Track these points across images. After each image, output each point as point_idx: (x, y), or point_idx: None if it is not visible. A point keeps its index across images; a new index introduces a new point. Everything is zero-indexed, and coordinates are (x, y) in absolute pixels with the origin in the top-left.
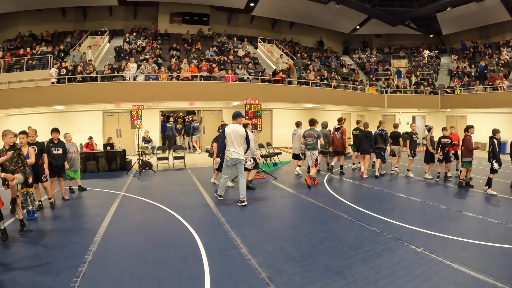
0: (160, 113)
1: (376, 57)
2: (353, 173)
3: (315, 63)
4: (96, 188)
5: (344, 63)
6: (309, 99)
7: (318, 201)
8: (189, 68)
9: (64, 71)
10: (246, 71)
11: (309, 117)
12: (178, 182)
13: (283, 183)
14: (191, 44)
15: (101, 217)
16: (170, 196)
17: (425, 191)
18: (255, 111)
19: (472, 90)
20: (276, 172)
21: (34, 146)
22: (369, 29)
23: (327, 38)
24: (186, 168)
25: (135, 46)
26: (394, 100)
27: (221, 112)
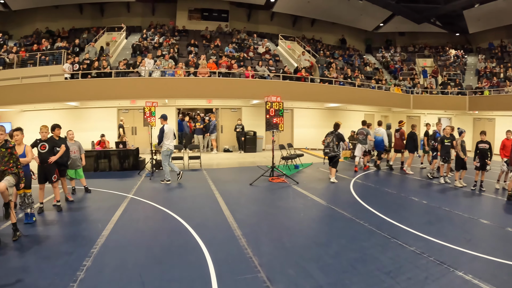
0: (176, 110)
1: (400, 55)
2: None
3: (338, 61)
4: (104, 189)
5: (367, 61)
6: (332, 98)
7: (346, 211)
8: (207, 64)
9: (77, 66)
10: (267, 68)
11: (331, 118)
12: (192, 185)
13: (306, 188)
14: (209, 41)
15: (103, 223)
16: (181, 201)
17: (462, 201)
18: (276, 109)
19: (501, 91)
20: (298, 175)
21: (45, 143)
22: (393, 27)
23: (349, 36)
24: (202, 169)
25: (152, 42)
26: (420, 101)
27: (239, 111)
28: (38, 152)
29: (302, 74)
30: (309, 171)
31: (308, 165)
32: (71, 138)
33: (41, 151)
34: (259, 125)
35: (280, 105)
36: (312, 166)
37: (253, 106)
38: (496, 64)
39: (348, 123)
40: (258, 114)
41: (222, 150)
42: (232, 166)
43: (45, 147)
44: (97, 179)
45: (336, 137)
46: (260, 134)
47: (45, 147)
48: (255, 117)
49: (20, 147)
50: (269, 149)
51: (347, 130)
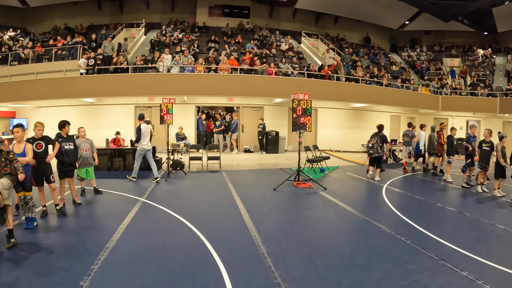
0: (196, 108)
1: (427, 55)
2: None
3: (363, 60)
4: (115, 191)
5: (393, 60)
6: (358, 98)
7: (383, 224)
8: (228, 61)
9: (92, 61)
10: (290, 65)
11: (356, 118)
12: (210, 189)
13: (335, 195)
14: (230, 37)
15: (109, 232)
16: (198, 207)
17: (507, 214)
18: (304, 108)
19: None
20: (324, 180)
21: (40, 141)
22: (419, 25)
23: (374, 34)
24: (221, 170)
25: (171, 38)
26: (448, 102)
27: (262, 110)
28: (34, 151)
29: (328, 72)
30: (335, 175)
31: (334, 169)
32: (82, 136)
33: (37, 150)
34: (282, 124)
35: (308, 104)
36: (338, 169)
37: (275, 105)
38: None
39: (373, 124)
40: (280, 113)
41: (243, 151)
42: (253, 168)
43: (41, 146)
44: (110, 179)
45: (380, 139)
46: (283, 134)
47: (41, 146)
48: (277, 117)
49: (20, 145)
50: (291, 150)
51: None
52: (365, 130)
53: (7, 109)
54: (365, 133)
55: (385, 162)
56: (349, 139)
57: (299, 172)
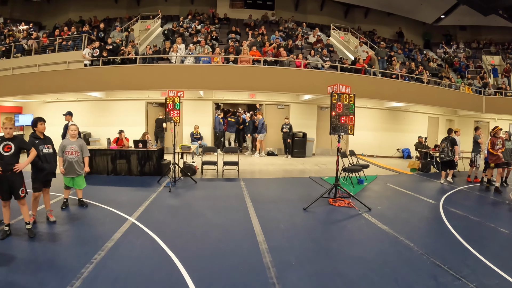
0: (213, 105)
1: (464, 52)
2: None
3: (398, 55)
4: (104, 205)
5: (430, 57)
6: (396, 96)
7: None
8: (250, 52)
9: (97, 52)
10: (320, 57)
11: (391, 120)
12: (223, 205)
13: (384, 219)
14: (253, 29)
15: (66, 276)
16: (202, 238)
17: None
18: (345, 104)
19: None
20: (364, 195)
21: (9, 142)
22: (455, 20)
23: (406, 29)
24: (239, 178)
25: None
26: (493, 103)
27: (287, 108)
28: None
29: (364, 65)
30: (376, 188)
31: (373, 179)
32: (72, 135)
33: (4, 154)
34: (310, 125)
35: (351, 99)
36: (377, 180)
37: (303, 102)
38: None
39: (410, 126)
40: (308, 112)
41: (265, 153)
42: (277, 176)
43: (10, 148)
44: (105, 186)
45: (450, 142)
46: (311, 136)
47: (10, 148)
48: (305, 116)
49: None
50: (319, 154)
51: (411, 136)
52: (400, 133)
53: (13, 104)
54: (401, 136)
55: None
56: (384, 143)
57: (336, 186)
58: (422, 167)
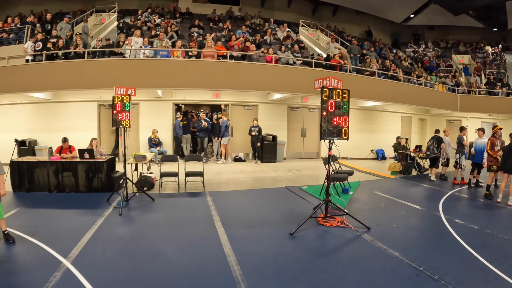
0: (174, 106)
1: (434, 51)
2: None
3: (370, 53)
4: (36, 239)
5: (401, 55)
6: (373, 95)
7: None
8: (215, 47)
9: (40, 45)
10: (292, 53)
11: (365, 120)
12: (187, 234)
13: (389, 242)
14: (217, 23)
15: None
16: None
17: None
18: (337, 101)
19: None
20: (354, 207)
21: None
22: (424, 19)
23: (375, 28)
24: (205, 192)
25: (147, 23)
26: (467, 102)
27: (255, 108)
28: None
29: (340, 61)
30: (365, 198)
31: (357, 186)
32: None
33: None
34: (280, 127)
35: (345, 95)
36: (361, 187)
37: (272, 102)
38: None
39: (384, 126)
40: (278, 113)
41: (233, 159)
42: (248, 187)
43: None
44: (44, 208)
45: (436, 141)
46: (281, 139)
47: None
48: (275, 117)
49: None
50: (291, 158)
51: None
52: (374, 133)
53: None
54: (374, 137)
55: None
56: (357, 144)
57: (327, 203)
58: (404, 170)
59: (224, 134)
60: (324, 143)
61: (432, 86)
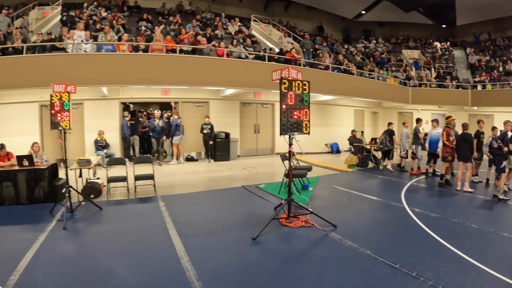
0: (121, 105)
1: (385, 46)
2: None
3: (323, 48)
4: None
5: (353, 51)
6: (328, 89)
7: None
8: (164, 41)
9: None
10: (244, 47)
11: (319, 114)
12: (139, 248)
13: (359, 239)
14: (167, 17)
15: None
16: None
17: None
18: (298, 93)
19: (506, 86)
20: (316, 203)
21: None
22: (375, 15)
23: (326, 24)
24: (157, 197)
25: (93, 16)
26: (418, 95)
27: (206, 105)
28: None
29: (294, 56)
30: (326, 194)
31: (315, 182)
32: None
33: None
34: (232, 124)
35: (305, 87)
36: (320, 182)
37: (224, 98)
38: (490, 57)
39: (337, 120)
40: (230, 109)
41: (185, 159)
42: (202, 188)
43: None
44: None
45: (388, 134)
46: (234, 136)
47: None
48: (227, 114)
49: None
50: (245, 156)
51: (339, 130)
52: (328, 127)
53: None
54: (328, 131)
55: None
56: (312, 139)
57: (290, 202)
58: (361, 163)
59: (175, 133)
60: (283, 138)
61: (384, 80)
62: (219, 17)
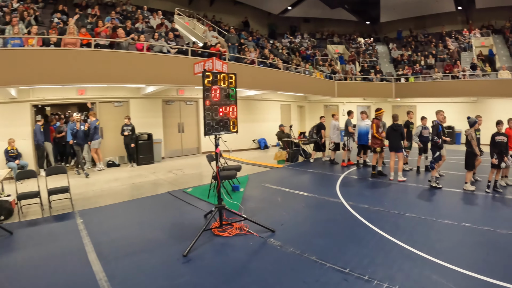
0: (32, 108)
1: (310, 41)
2: None
3: (249, 42)
4: None
5: (279, 46)
6: (254, 84)
7: None
8: (79, 34)
9: None
10: (166, 41)
11: (245, 110)
12: (53, 279)
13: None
14: (85, 9)
15: None
16: None
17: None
18: (223, 88)
19: (428, 78)
20: (251, 208)
21: None
22: (301, 11)
23: (252, 19)
24: (75, 212)
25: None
26: (344, 88)
27: (126, 105)
28: None
29: (219, 50)
30: (258, 195)
31: (246, 181)
32: None
33: None
34: (155, 124)
35: (232, 80)
36: (251, 181)
37: (145, 97)
38: (412, 52)
39: (263, 115)
40: (152, 108)
41: (106, 165)
42: (125, 198)
43: None
44: None
45: (317, 127)
46: (157, 136)
47: None
48: (148, 113)
49: None
50: (170, 157)
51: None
52: (255, 123)
53: None
54: (256, 127)
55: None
56: (238, 136)
57: (221, 210)
58: (291, 158)
59: (94, 137)
60: (209, 139)
61: (310, 74)
62: (140, 10)
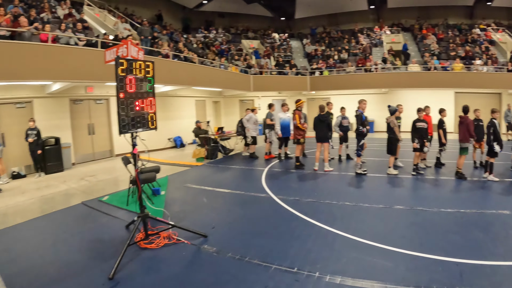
0: None
1: (225, 36)
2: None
3: (162, 36)
4: None
5: (193, 40)
6: (167, 79)
7: None
8: None
9: None
10: (74, 33)
11: (158, 107)
12: None
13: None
14: None
15: None
16: None
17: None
18: (139, 77)
19: (341, 72)
20: (175, 212)
21: None
22: (216, 6)
23: (166, 13)
24: None
25: None
26: (260, 82)
27: (30, 106)
28: None
29: (132, 41)
30: (180, 197)
31: (165, 183)
32: None
33: None
34: (62, 126)
35: (149, 68)
36: (171, 183)
37: (50, 96)
38: (325, 47)
39: (178, 112)
40: (59, 109)
41: (10, 177)
42: (37, 214)
43: None
44: None
45: (241, 122)
46: (66, 140)
47: None
48: (55, 115)
49: None
50: (81, 162)
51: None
52: (170, 120)
53: None
54: (171, 125)
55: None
56: (152, 135)
57: (145, 219)
58: (210, 155)
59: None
60: (123, 137)
61: (226, 68)
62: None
